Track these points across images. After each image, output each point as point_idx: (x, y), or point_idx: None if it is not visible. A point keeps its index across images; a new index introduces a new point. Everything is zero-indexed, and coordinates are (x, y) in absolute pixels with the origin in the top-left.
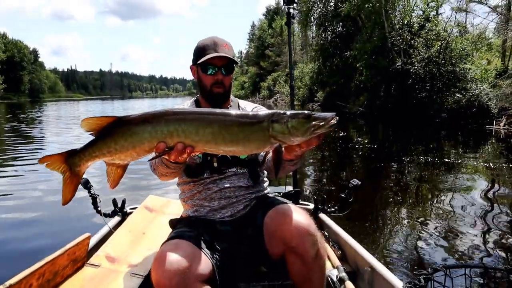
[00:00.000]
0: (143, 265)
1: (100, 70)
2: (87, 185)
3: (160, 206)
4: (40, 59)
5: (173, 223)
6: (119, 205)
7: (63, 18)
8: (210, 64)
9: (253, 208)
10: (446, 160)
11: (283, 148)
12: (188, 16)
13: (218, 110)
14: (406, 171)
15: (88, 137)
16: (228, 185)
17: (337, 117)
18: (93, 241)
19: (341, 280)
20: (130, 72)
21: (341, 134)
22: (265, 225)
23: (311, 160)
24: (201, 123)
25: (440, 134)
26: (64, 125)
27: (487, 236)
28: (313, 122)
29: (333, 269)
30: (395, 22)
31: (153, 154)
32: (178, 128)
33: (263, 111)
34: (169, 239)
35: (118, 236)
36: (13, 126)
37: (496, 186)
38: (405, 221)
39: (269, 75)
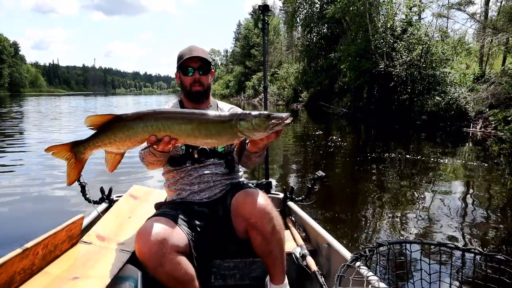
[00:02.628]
0: (130, 242)
1: (83, 65)
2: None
3: (144, 194)
4: (21, 53)
5: (158, 205)
6: (106, 193)
7: (45, 11)
8: (188, 66)
9: (227, 191)
10: (424, 159)
11: (248, 142)
12: (174, 14)
13: (197, 111)
14: (382, 167)
15: (68, 134)
16: (207, 172)
17: (292, 118)
18: (84, 223)
19: (303, 256)
20: (114, 68)
21: (320, 133)
22: (231, 205)
23: (288, 155)
24: (183, 120)
25: (420, 136)
26: (45, 120)
27: (444, 217)
28: (272, 121)
29: (297, 247)
30: (379, 25)
31: (145, 144)
32: (165, 124)
33: (235, 110)
34: (151, 216)
35: (107, 219)
36: None
37: (470, 183)
38: (366, 207)
39: (254, 75)
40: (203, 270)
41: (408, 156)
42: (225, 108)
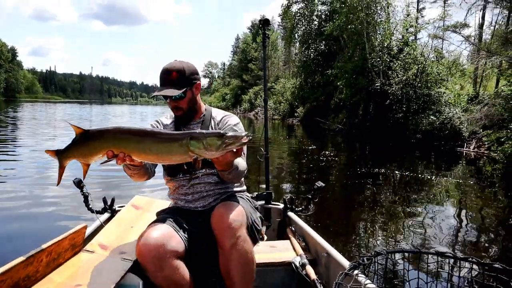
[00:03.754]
0: (132, 252)
1: (80, 73)
2: (79, 184)
3: (146, 204)
4: (18, 58)
5: (159, 213)
6: (109, 203)
7: (44, 18)
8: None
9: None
10: (418, 176)
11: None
12: (173, 25)
13: (150, 131)
14: (377, 182)
15: (63, 138)
16: (199, 182)
17: (250, 137)
18: (86, 233)
19: (303, 265)
20: (111, 77)
21: (315, 147)
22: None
23: (284, 167)
24: (136, 138)
25: (414, 154)
26: (39, 126)
27: (437, 231)
28: (225, 140)
29: (297, 257)
30: (376, 44)
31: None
32: (120, 141)
33: (229, 118)
34: (152, 222)
35: (109, 229)
36: None
37: (463, 201)
38: (363, 219)
39: (251, 88)
40: (199, 275)
41: (402, 173)
42: (218, 117)
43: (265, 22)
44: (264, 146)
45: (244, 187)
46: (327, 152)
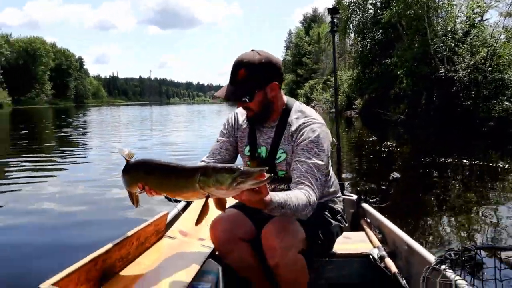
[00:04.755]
0: (210, 239)
1: (140, 77)
2: None
3: None
4: (85, 67)
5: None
6: None
7: (106, 28)
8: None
9: None
10: (491, 166)
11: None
12: (224, 25)
13: (165, 165)
14: (445, 173)
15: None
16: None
17: (269, 173)
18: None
19: (381, 258)
20: (168, 79)
21: (376, 139)
22: None
23: (347, 160)
24: (153, 172)
25: (486, 143)
26: (108, 128)
27: None
28: (237, 178)
29: (374, 249)
30: (438, 28)
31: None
32: (143, 178)
33: (309, 124)
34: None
35: (187, 216)
36: (66, 130)
37: None
38: (433, 211)
39: (305, 82)
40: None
41: (473, 163)
42: (295, 124)
43: (333, 10)
44: (336, 136)
45: (329, 197)
46: (388, 143)
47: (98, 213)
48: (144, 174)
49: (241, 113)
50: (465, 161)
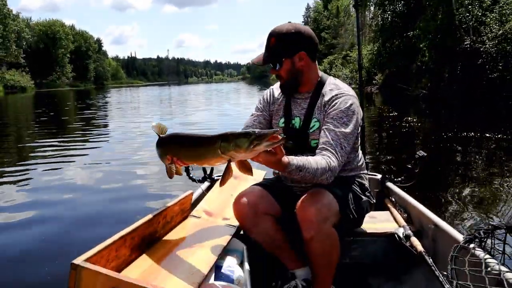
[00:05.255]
0: (234, 218)
1: (158, 57)
2: None
3: (243, 174)
4: (103, 48)
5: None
6: (208, 172)
7: (122, 8)
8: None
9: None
10: None
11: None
12: (242, 1)
13: (191, 136)
14: (468, 149)
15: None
16: None
17: (282, 135)
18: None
19: (407, 237)
20: (186, 58)
21: (396, 114)
22: None
23: (374, 137)
24: (180, 144)
25: None
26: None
27: None
28: (253, 141)
29: (399, 228)
30: None
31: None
32: (172, 150)
33: (341, 97)
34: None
35: (211, 196)
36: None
37: None
38: (468, 188)
39: (325, 58)
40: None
41: (498, 137)
42: (328, 95)
43: None
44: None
45: (357, 171)
46: (410, 119)
47: (125, 191)
48: (174, 146)
49: (276, 88)
50: (490, 135)
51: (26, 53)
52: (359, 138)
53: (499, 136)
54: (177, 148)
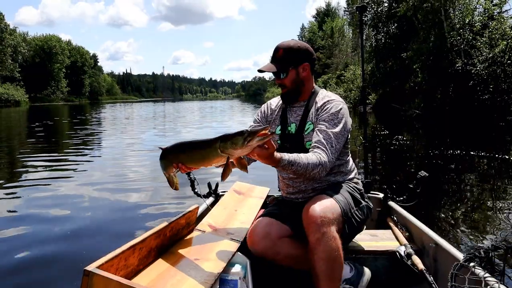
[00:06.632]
0: (239, 233)
1: (153, 73)
2: None
3: (247, 190)
4: (99, 64)
5: (270, 201)
6: (213, 188)
7: (119, 25)
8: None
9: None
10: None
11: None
12: (237, 20)
13: (192, 142)
14: (464, 168)
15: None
16: (294, 176)
17: (270, 131)
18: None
19: (408, 255)
20: (181, 75)
21: (388, 133)
22: None
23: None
24: (184, 152)
25: (505, 138)
26: (128, 125)
27: None
28: (247, 137)
29: (401, 246)
30: (455, 21)
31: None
32: (176, 157)
33: (331, 104)
34: (258, 216)
35: (216, 211)
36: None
37: None
38: (469, 209)
39: (319, 78)
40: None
41: (491, 158)
42: (320, 102)
43: (362, 9)
44: (363, 134)
45: (352, 175)
46: (404, 138)
47: (130, 205)
48: (178, 154)
49: (273, 101)
50: (483, 157)
51: (21, 67)
52: (349, 144)
53: (495, 156)
54: (182, 154)
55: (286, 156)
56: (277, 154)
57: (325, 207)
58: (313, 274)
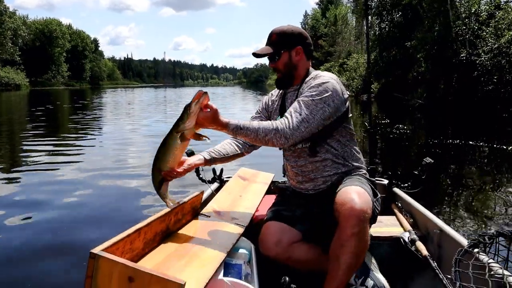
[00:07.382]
0: (243, 217)
1: (154, 58)
2: (191, 155)
3: (251, 176)
4: (100, 48)
5: (274, 189)
6: (218, 174)
7: (120, 9)
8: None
9: (332, 185)
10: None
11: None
12: (239, 6)
13: (159, 147)
14: (463, 158)
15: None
16: (303, 162)
17: (204, 91)
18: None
19: (412, 241)
20: (182, 61)
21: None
22: (334, 202)
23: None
24: (159, 159)
25: (507, 129)
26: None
27: None
28: (187, 108)
29: (405, 232)
30: (461, 10)
31: None
32: (158, 167)
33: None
34: (266, 220)
35: (221, 197)
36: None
37: None
38: (474, 196)
39: (321, 65)
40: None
41: (494, 148)
42: (310, 81)
43: None
44: (368, 120)
45: (359, 163)
46: (406, 127)
47: (133, 191)
48: (157, 165)
49: (274, 92)
50: (485, 147)
51: (22, 51)
52: (352, 127)
53: (498, 146)
54: (159, 164)
55: (235, 121)
56: (224, 118)
57: (364, 201)
58: (333, 263)
